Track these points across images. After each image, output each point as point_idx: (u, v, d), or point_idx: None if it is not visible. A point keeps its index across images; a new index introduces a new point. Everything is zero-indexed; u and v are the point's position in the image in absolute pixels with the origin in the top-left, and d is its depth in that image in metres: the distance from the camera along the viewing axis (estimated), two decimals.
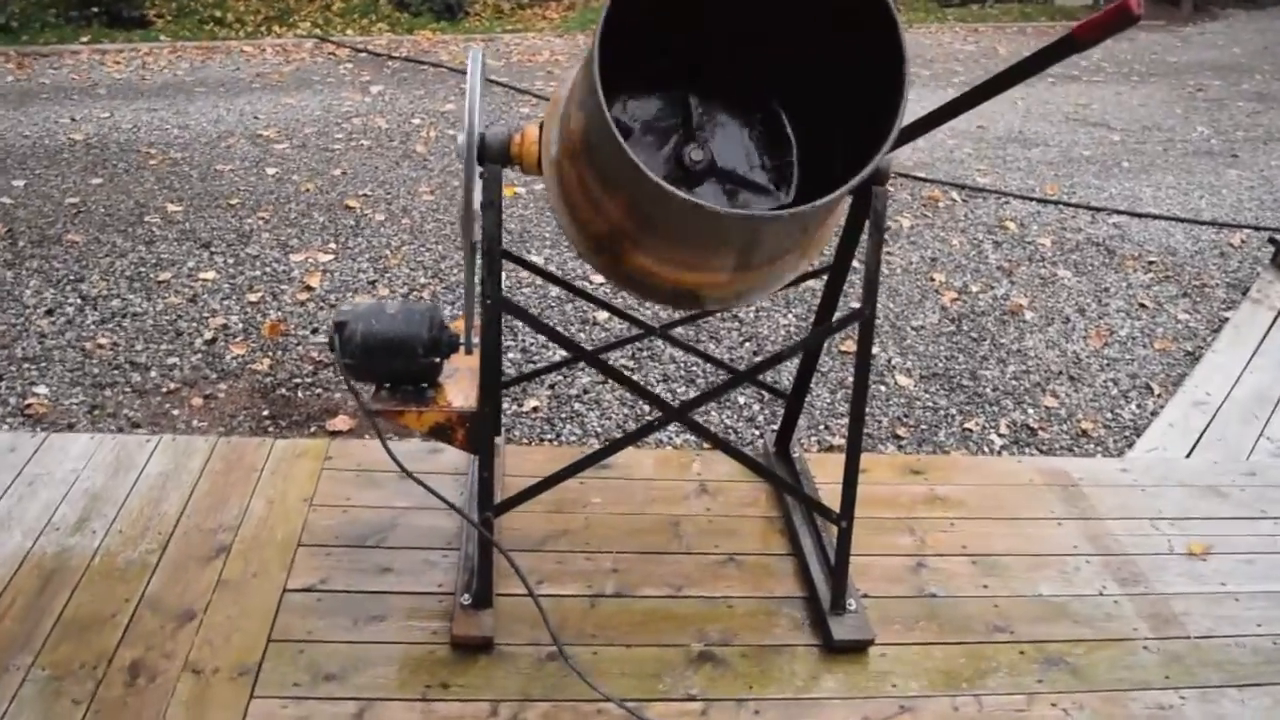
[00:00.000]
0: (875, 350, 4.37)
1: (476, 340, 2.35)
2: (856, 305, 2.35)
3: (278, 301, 4.56)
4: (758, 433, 3.70)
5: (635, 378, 3.88)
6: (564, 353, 3.53)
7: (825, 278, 2.60)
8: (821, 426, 3.83)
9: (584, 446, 3.57)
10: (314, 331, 4.34)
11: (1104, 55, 10.42)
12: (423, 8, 10.67)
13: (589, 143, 1.91)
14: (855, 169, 1.82)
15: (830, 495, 2.74)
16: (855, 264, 2.56)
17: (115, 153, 6.26)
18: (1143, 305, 4.92)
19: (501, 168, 2.21)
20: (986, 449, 3.75)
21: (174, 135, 6.65)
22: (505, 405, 3.89)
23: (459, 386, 2.42)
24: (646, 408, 3.89)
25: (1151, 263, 5.38)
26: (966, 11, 12.55)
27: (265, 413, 3.82)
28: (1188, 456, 3.59)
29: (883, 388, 4.12)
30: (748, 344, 4.34)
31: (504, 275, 2.40)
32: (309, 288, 4.68)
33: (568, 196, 2.11)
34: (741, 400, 3.94)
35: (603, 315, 4.44)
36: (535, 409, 3.83)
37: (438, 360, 2.32)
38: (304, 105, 7.44)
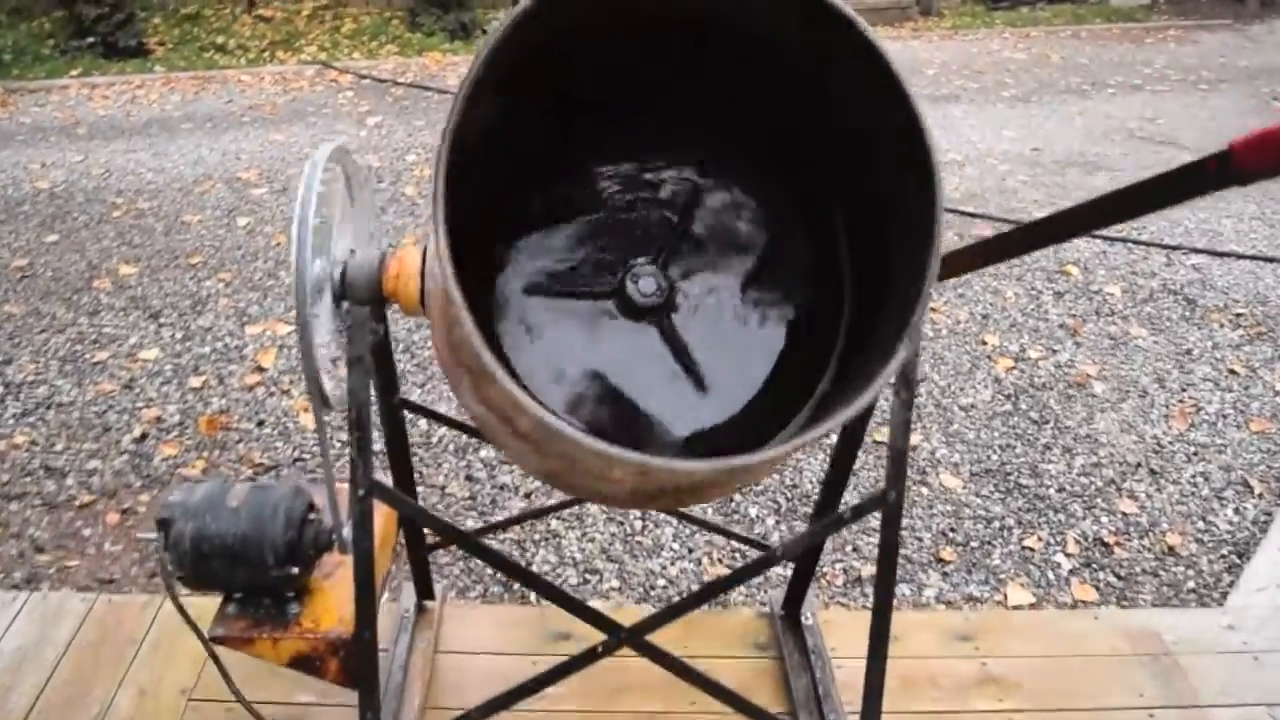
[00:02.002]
0: (917, 439, 3.68)
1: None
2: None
3: (223, 386, 3.97)
4: (762, 586, 3.02)
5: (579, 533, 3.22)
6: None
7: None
8: (848, 548, 3.15)
9: (540, 609, 2.88)
10: (259, 425, 3.75)
11: (1168, 61, 9.59)
12: (435, 28, 10.10)
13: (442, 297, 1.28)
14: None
15: (853, 675, 2.05)
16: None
17: (80, 203, 5.74)
18: (1232, 371, 4.17)
19: (369, 309, 1.58)
20: (1052, 576, 3.04)
21: (146, 180, 6.12)
22: (469, 523, 3.27)
23: (338, 596, 1.79)
24: (638, 524, 3.24)
25: (1239, 315, 4.62)
26: (1016, 15, 11.71)
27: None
28: None
29: (925, 490, 3.42)
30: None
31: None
32: (260, 368, 4.09)
33: (441, 355, 1.49)
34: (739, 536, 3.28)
35: None
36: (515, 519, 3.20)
37: (295, 572, 1.69)
38: (293, 142, 6.88)
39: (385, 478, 2.09)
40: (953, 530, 3.24)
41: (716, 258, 1.65)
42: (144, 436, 3.69)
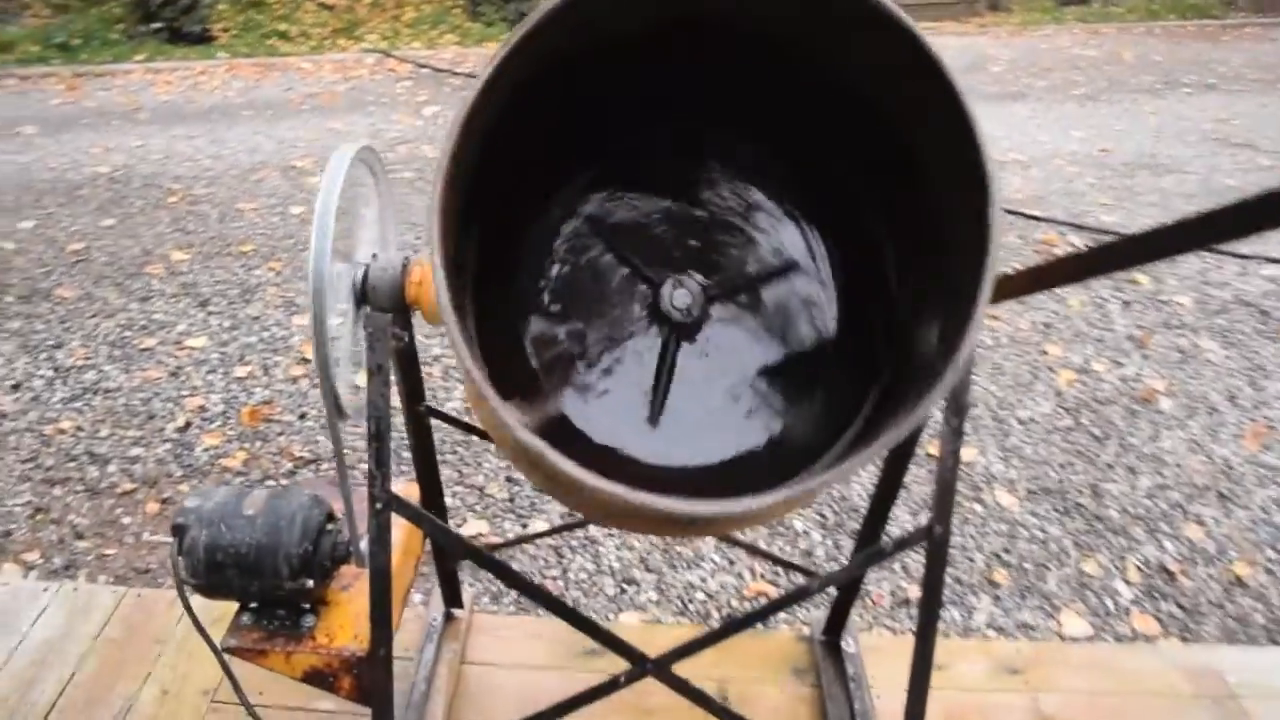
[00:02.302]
0: (971, 454, 3.54)
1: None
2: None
3: (268, 377, 3.96)
4: (803, 604, 2.91)
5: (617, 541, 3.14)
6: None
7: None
8: (897, 566, 3.03)
9: (573, 633, 2.84)
10: (301, 418, 3.72)
11: (1246, 60, 9.23)
12: (495, 17, 10.08)
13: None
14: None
15: (895, 704, 1.94)
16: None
17: (137, 188, 5.78)
18: None
19: (391, 316, 1.51)
20: (1110, 605, 2.90)
21: (204, 167, 6.15)
22: (505, 526, 3.20)
23: (356, 609, 1.73)
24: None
25: None
26: (1087, 10, 11.39)
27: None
28: None
29: (979, 508, 3.29)
30: None
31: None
32: (305, 359, 4.07)
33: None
34: (778, 550, 3.18)
35: None
36: (542, 533, 3.13)
37: (309, 584, 1.63)
38: (350, 131, 6.88)
39: (413, 486, 2.03)
40: (1006, 551, 3.10)
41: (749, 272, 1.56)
42: (187, 425, 3.69)
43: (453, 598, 2.38)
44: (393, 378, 1.55)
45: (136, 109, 7.35)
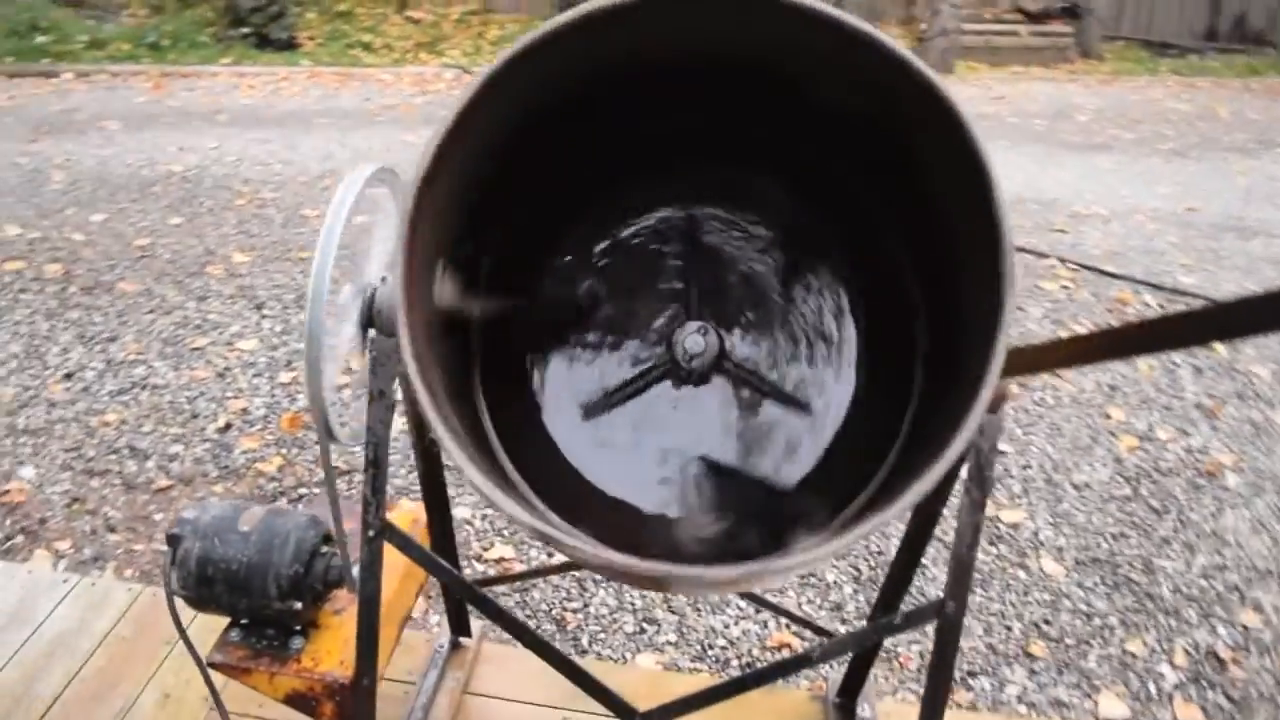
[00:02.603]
0: (1019, 516, 3.40)
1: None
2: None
3: None
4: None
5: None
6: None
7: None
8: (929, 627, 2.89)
9: (581, 659, 2.77)
10: (341, 426, 3.70)
11: None
12: None
13: None
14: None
15: None
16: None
17: (207, 188, 5.89)
18: None
19: (395, 341, 1.46)
20: (1153, 689, 2.74)
21: (274, 171, 6.24)
22: (532, 554, 3.15)
23: (347, 634, 1.68)
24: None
25: None
26: (1183, 63, 11.09)
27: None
28: None
29: (1022, 574, 3.15)
30: None
31: None
32: (350, 369, 4.06)
33: None
34: (806, 602, 3.07)
35: None
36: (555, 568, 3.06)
37: (298, 607, 1.58)
38: (421, 144, 6.93)
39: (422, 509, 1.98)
40: (1047, 623, 2.96)
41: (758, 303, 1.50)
42: (228, 427, 3.70)
43: (460, 626, 2.32)
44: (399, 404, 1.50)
45: (217, 111, 7.51)
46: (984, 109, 8.86)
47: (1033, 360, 1.12)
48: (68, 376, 3.98)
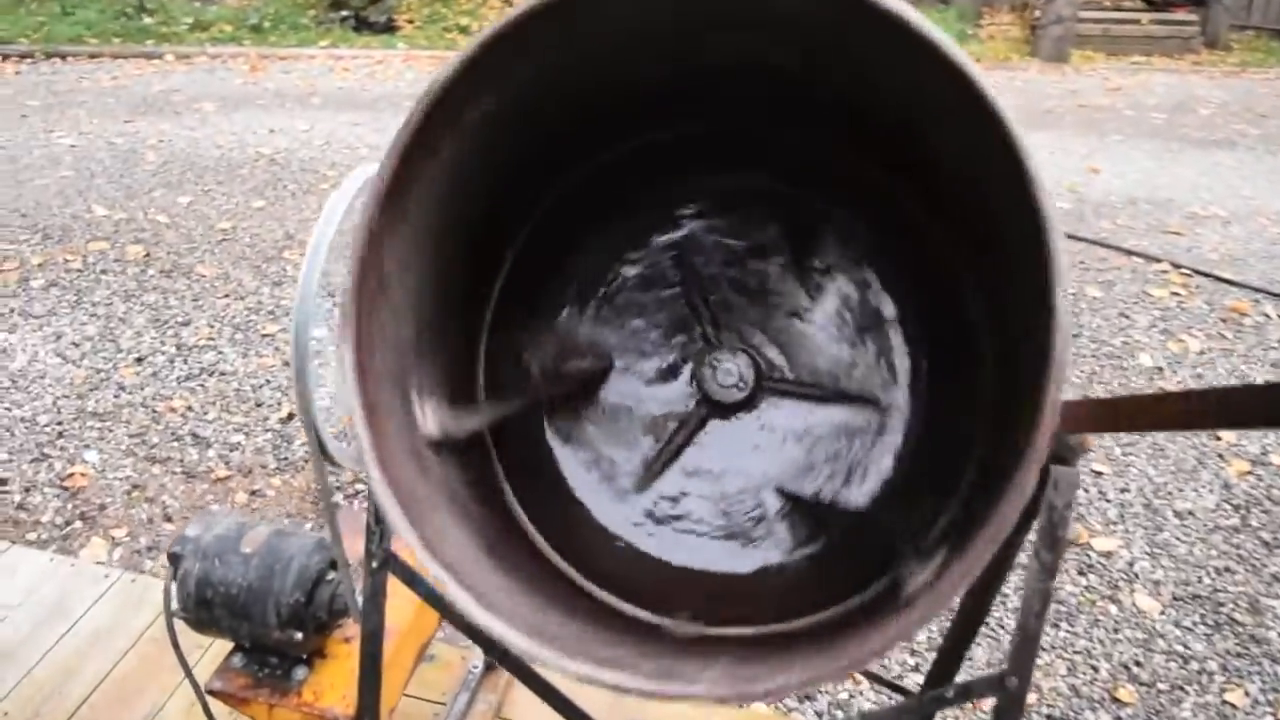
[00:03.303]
0: (1113, 544, 3.14)
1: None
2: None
3: None
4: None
5: None
6: None
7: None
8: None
9: None
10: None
11: None
12: None
13: None
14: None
15: None
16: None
17: (293, 172, 5.89)
18: None
19: None
20: None
21: (361, 155, 6.22)
22: None
23: (351, 668, 1.56)
24: None
25: None
26: None
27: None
28: None
29: (1113, 609, 2.89)
30: None
31: None
32: None
33: None
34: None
35: None
36: None
37: (298, 638, 1.47)
38: None
39: None
40: (1138, 664, 2.71)
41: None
42: (290, 417, 3.65)
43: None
44: None
45: (311, 93, 7.55)
46: (1098, 100, 8.40)
47: (1126, 415, 0.92)
48: (139, 360, 3.98)
